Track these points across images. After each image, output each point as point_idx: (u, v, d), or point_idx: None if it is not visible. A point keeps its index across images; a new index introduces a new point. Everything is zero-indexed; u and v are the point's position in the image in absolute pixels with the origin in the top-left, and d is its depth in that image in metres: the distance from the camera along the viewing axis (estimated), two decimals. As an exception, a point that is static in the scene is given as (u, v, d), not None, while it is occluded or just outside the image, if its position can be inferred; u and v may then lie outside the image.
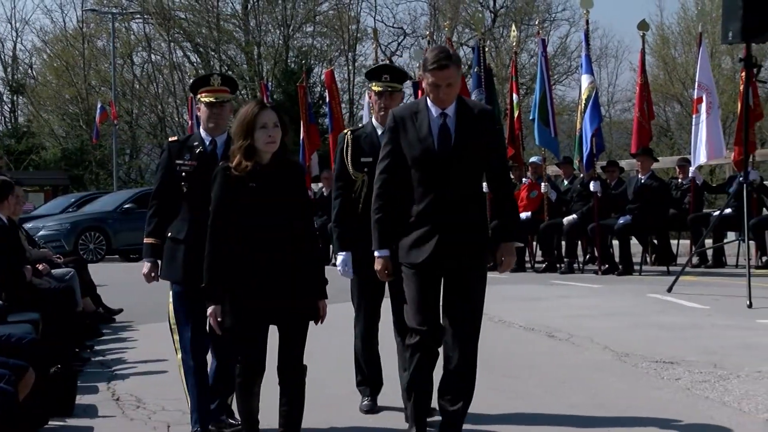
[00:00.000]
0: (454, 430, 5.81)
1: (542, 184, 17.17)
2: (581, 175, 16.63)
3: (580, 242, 17.02)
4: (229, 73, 43.13)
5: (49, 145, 49.60)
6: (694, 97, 16.17)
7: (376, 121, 6.91)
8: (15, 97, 51.84)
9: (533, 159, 18.34)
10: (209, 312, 5.52)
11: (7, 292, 8.95)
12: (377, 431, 6.69)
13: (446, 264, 5.67)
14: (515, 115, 17.81)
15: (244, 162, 5.48)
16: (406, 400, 6.62)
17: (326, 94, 23.56)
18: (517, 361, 8.73)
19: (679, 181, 17.01)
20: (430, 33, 27.82)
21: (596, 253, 16.40)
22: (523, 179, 17.46)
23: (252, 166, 5.48)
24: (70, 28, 51.06)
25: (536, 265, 17.31)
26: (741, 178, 12.44)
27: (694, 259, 15.80)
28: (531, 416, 6.85)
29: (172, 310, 6.49)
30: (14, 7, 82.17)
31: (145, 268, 6.64)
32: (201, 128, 6.57)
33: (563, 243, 16.98)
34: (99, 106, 39.85)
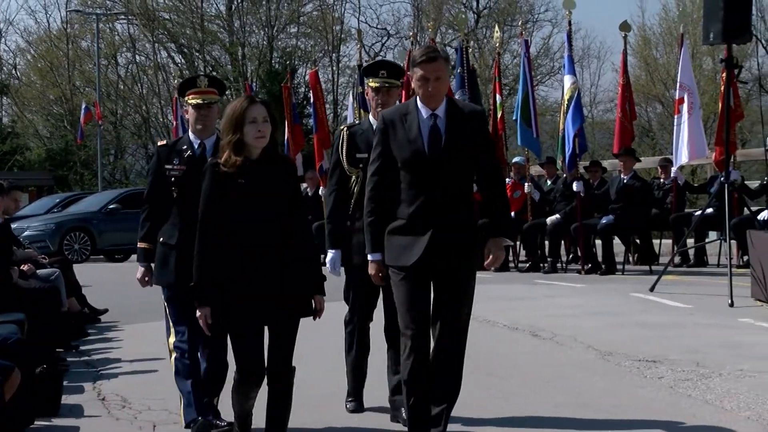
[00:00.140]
0: (439, 429, 5.76)
1: (525, 184, 17.22)
2: (564, 175, 16.65)
3: (563, 242, 17.05)
4: (214, 73, 43.09)
5: (34, 146, 49.42)
6: (676, 98, 16.22)
7: (372, 118, 6.78)
8: (-1, 98, 51.75)
9: (516, 159, 18.40)
10: (198, 314, 5.47)
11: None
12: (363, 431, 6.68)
13: (437, 264, 5.58)
14: (498, 115, 17.82)
15: (234, 157, 5.40)
16: (395, 402, 6.67)
17: (310, 94, 23.56)
18: (501, 361, 8.73)
19: (661, 181, 17.08)
20: (414, 34, 27.66)
21: (579, 253, 16.46)
22: (506, 179, 17.50)
23: (241, 161, 5.40)
24: (55, 28, 50.89)
25: (520, 265, 17.35)
26: (722, 178, 12.50)
27: (676, 259, 15.86)
28: (515, 415, 6.86)
29: (166, 312, 6.49)
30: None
31: (139, 273, 6.62)
32: (189, 131, 6.53)
33: (546, 243, 17.02)
34: (83, 107, 39.72)
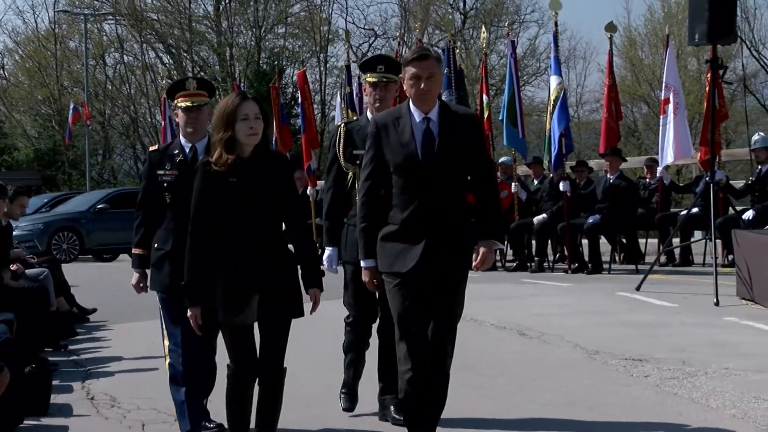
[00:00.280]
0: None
1: (512, 184, 17.23)
2: (551, 175, 16.68)
3: (550, 241, 17.06)
4: (202, 74, 43.08)
5: (22, 146, 49.35)
6: (661, 98, 16.25)
7: (370, 114, 6.62)
8: (-13, 98, 51.58)
9: (503, 159, 18.42)
10: (189, 314, 5.43)
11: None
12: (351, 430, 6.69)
13: (432, 268, 5.47)
14: (485, 115, 17.81)
15: (225, 155, 5.30)
16: (384, 401, 6.70)
17: (298, 94, 23.56)
18: (489, 360, 8.73)
19: (647, 180, 17.13)
20: (401, 34, 27.81)
21: (566, 252, 16.49)
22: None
23: (233, 160, 5.30)
24: (43, 29, 50.85)
25: (507, 264, 17.34)
26: (707, 178, 12.56)
27: (662, 258, 15.87)
28: (502, 414, 6.90)
29: (161, 316, 6.47)
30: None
31: (133, 279, 6.57)
32: (180, 135, 6.47)
33: (533, 242, 17.05)
34: (72, 107, 39.63)
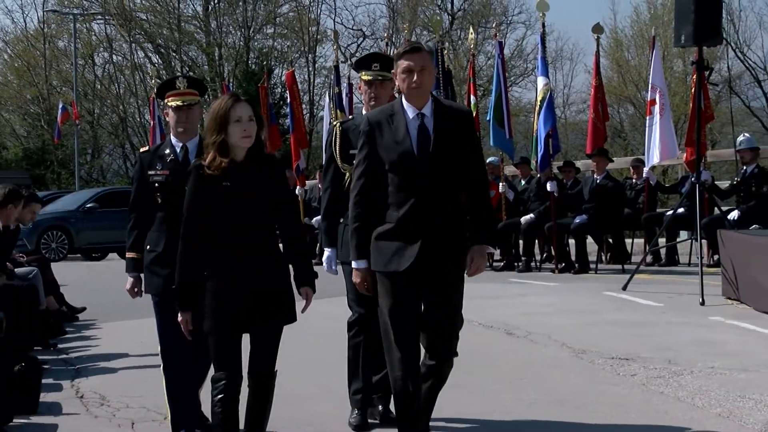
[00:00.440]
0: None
1: (500, 184, 17.24)
2: (538, 175, 16.70)
3: (537, 241, 17.10)
4: (191, 74, 43.02)
5: (11, 145, 49.26)
6: (648, 99, 16.29)
7: (366, 112, 6.42)
8: (-25, 98, 51.45)
9: (490, 159, 18.41)
10: (179, 318, 5.33)
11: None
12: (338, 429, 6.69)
13: (428, 268, 5.38)
14: (473, 116, 17.87)
15: (219, 158, 5.17)
16: (372, 400, 6.70)
17: (287, 94, 23.60)
18: (476, 359, 8.64)
19: (634, 181, 17.20)
20: (389, 35, 27.77)
21: (553, 252, 16.56)
22: (485, 181, 17.52)
23: (227, 164, 5.18)
24: (32, 28, 50.84)
25: (494, 264, 17.34)
26: (693, 179, 12.61)
27: (648, 258, 15.93)
28: (490, 412, 6.93)
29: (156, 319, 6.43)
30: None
31: (128, 284, 6.46)
32: (171, 134, 6.39)
33: (521, 242, 17.06)
34: (60, 106, 39.58)
